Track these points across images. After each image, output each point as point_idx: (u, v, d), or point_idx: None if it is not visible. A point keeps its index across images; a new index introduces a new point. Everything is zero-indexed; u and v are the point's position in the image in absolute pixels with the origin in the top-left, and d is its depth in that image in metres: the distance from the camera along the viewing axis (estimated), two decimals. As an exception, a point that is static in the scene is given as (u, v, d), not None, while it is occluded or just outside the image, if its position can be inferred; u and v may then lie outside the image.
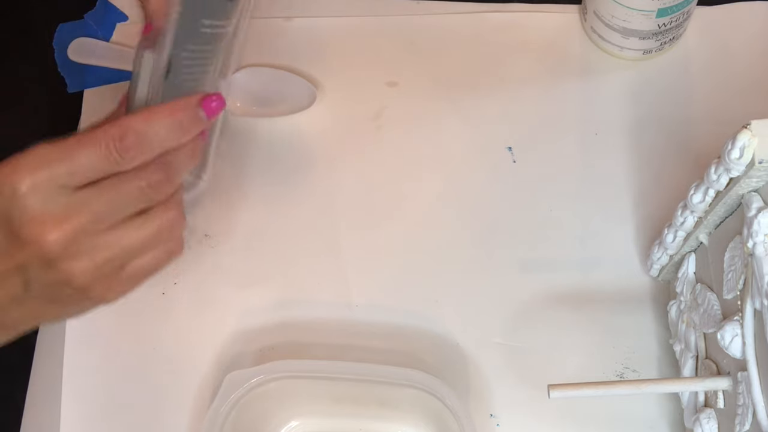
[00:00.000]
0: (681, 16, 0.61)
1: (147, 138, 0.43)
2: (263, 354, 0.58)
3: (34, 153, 0.41)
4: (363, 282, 0.60)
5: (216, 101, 0.46)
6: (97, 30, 0.67)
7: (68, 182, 0.41)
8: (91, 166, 0.41)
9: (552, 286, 0.59)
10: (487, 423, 0.56)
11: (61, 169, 0.41)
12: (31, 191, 0.40)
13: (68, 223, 0.41)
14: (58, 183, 0.41)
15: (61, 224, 0.41)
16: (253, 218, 0.62)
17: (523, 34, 0.66)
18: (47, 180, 0.41)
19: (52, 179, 0.41)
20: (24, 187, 0.40)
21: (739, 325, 0.43)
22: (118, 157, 0.42)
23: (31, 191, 0.40)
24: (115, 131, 0.42)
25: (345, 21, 0.67)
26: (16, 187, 0.40)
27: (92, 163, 0.41)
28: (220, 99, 0.46)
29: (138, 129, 0.42)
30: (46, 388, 0.58)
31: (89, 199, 0.42)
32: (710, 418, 0.48)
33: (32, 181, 0.40)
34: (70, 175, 0.41)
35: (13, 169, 0.40)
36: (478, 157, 0.63)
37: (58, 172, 0.41)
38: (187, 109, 0.45)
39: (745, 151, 0.40)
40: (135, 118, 0.43)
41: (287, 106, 0.64)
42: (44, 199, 0.41)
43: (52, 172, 0.41)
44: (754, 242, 0.41)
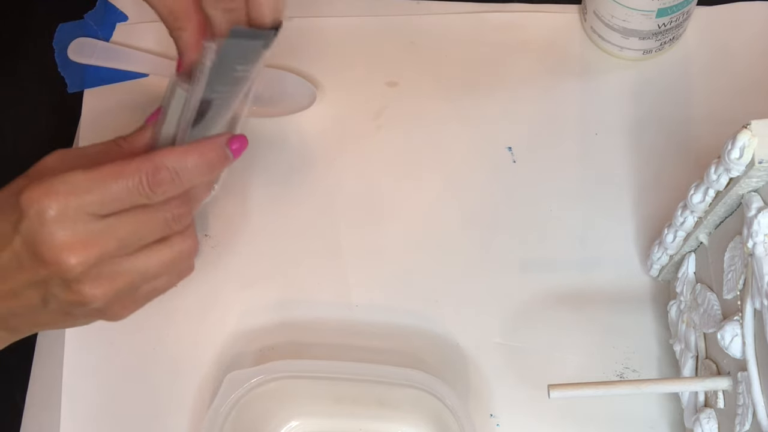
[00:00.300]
0: (681, 16, 0.61)
1: (179, 175, 0.44)
2: (263, 354, 0.58)
3: (68, 180, 0.41)
4: (363, 282, 0.60)
5: (239, 143, 0.48)
6: (97, 30, 0.67)
7: (97, 211, 0.42)
8: (122, 197, 0.42)
9: (552, 286, 0.59)
10: (487, 423, 0.56)
11: (93, 198, 0.41)
12: (60, 217, 0.41)
13: (92, 250, 0.42)
14: (87, 211, 0.41)
15: (85, 250, 0.42)
16: (253, 218, 0.62)
17: (523, 34, 0.66)
18: (77, 208, 0.41)
19: (82, 207, 0.41)
20: (53, 212, 0.41)
21: (739, 325, 0.43)
22: (150, 192, 0.43)
23: (60, 217, 0.41)
24: (149, 167, 0.43)
25: (345, 21, 0.67)
26: (46, 211, 0.41)
27: (124, 194, 0.42)
28: (243, 140, 0.48)
29: (171, 166, 0.44)
30: (46, 388, 0.58)
31: (114, 227, 0.43)
32: (710, 418, 0.48)
33: (62, 207, 0.41)
34: (100, 204, 0.42)
35: (44, 193, 0.41)
36: (478, 157, 0.63)
37: (89, 201, 0.41)
38: (216, 150, 0.46)
39: (745, 151, 0.40)
40: (169, 156, 0.44)
41: (287, 106, 0.64)
42: (72, 226, 0.41)
43: (83, 200, 0.41)
44: (754, 242, 0.41)
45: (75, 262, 0.41)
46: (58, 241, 0.41)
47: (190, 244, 0.47)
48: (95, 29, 0.67)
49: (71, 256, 0.41)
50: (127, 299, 0.46)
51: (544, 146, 0.63)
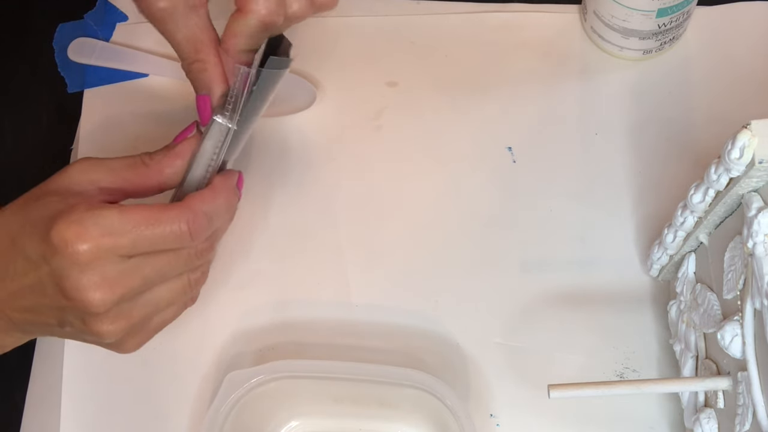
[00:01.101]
0: (681, 16, 0.61)
1: (212, 219, 0.45)
2: (263, 354, 0.58)
3: (102, 221, 0.41)
4: (363, 282, 0.60)
5: (240, 180, 0.50)
6: (97, 30, 0.67)
7: (128, 252, 0.42)
8: (156, 242, 0.42)
9: (552, 286, 0.59)
10: (487, 423, 0.56)
11: (126, 242, 0.41)
12: (91, 260, 0.41)
13: (117, 290, 0.42)
14: (118, 253, 0.41)
15: (111, 290, 0.42)
16: (252, 218, 0.62)
17: (523, 34, 0.66)
18: (109, 250, 0.41)
19: (114, 250, 0.41)
20: (85, 255, 0.41)
21: (739, 325, 0.43)
22: (190, 239, 0.43)
23: (92, 260, 0.41)
24: (189, 216, 0.43)
25: (345, 21, 0.67)
26: (78, 253, 0.41)
27: (158, 240, 0.42)
28: (241, 177, 0.50)
29: (206, 211, 0.44)
30: (46, 388, 0.58)
31: (141, 267, 0.43)
32: (710, 418, 0.48)
33: (95, 250, 0.41)
34: (132, 247, 0.42)
35: (78, 235, 0.40)
36: (478, 156, 0.63)
37: (122, 244, 0.41)
38: (232, 188, 0.47)
39: (745, 151, 0.40)
40: (204, 202, 0.45)
41: (287, 106, 0.64)
42: (101, 268, 0.41)
43: (116, 243, 0.41)
44: (754, 242, 0.41)
45: (98, 302, 0.42)
46: (85, 282, 0.41)
47: (200, 274, 0.48)
48: (95, 29, 0.67)
49: (96, 296, 0.41)
50: (140, 333, 0.46)
51: (544, 146, 0.63)
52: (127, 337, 0.45)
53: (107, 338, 0.44)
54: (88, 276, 0.41)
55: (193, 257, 0.45)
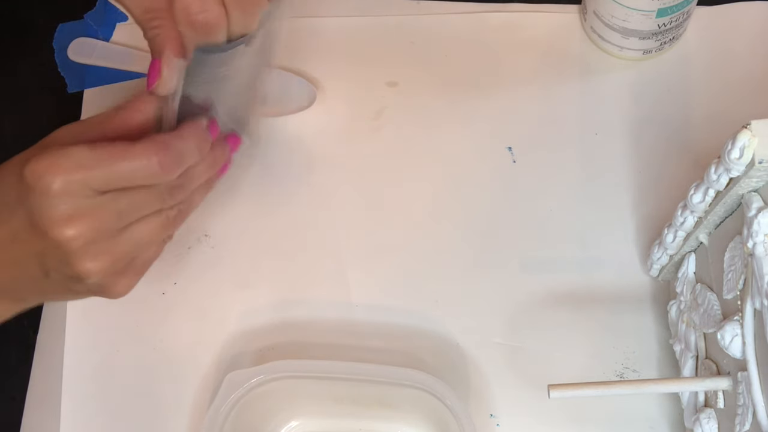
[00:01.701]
0: (681, 16, 0.61)
1: (182, 156, 0.45)
2: (263, 354, 0.58)
3: (72, 154, 0.41)
4: (363, 282, 0.60)
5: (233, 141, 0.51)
6: (97, 30, 0.67)
7: (100, 187, 0.42)
8: (127, 176, 0.42)
9: (552, 286, 0.59)
10: (487, 423, 0.56)
11: (97, 174, 0.41)
12: (62, 192, 0.41)
13: (90, 224, 0.42)
14: (90, 186, 0.41)
15: (84, 225, 0.42)
16: (253, 218, 0.62)
17: (523, 34, 0.66)
18: (80, 183, 0.41)
19: (86, 183, 0.41)
20: (56, 186, 0.41)
21: (739, 325, 0.43)
22: (161, 173, 0.43)
23: (63, 192, 0.41)
24: (159, 148, 0.43)
25: (345, 21, 0.67)
26: (49, 185, 0.41)
27: (128, 174, 0.42)
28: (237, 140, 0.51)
29: (176, 147, 0.44)
30: (46, 388, 0.58)
31: (114, 202, 0.43)
32: (710, 418, 0.48)
33: (66, 182, 0.41)
34: (105, 181, 0.42)
35: (48, 166, 0.41)
36: (478, 157, 0.63)
37: (93, 177, 0.41)
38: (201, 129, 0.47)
39: (745, 151, 0.40)
40: (171, 137, 0.44)
41: (287, 106, 0.64)
42: (73, 200, 0.41)
43: (86, 175, 0.41)
44: (754, 242, 0.41)
45: (73, 236, 0.42)
46: (58, 215, 0.41)
47: (178, 213, 0.47)
48: (95, 29, 0.67)
49: (70, 230, 0.41)
50: (124, 273, 0.46)
51: (544, 146, 0.63)
52: (113, 277, 0.45)
53: (91, 277, 0.44)
54: (60, 209, 0.41)
55: (167, 194, 0.45)
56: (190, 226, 0.61)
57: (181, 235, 0.61)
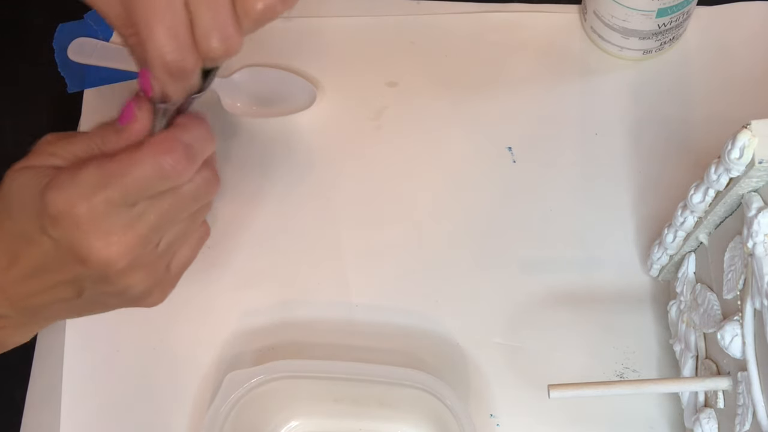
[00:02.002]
0: (681, 16, 0.61)
1: (192, 147, 0.42)
2: (263, 354, 0.58)
3: (84, 179, 0.40)
4: (363, 282, 0.60)
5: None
6: (97, 30, 0.67)
7: (123, 202, 0.41)
8: (146, 184, 0.41)
9: (552, 286, 0.59)
10: (487, 423, 0.56)
11: (115, 190, 0.40)
12: (90, 219, 0.40)
13: (128, 241, 0.41)
14: (113, 204, 0.40)
15: (122, 244, 0.41)
16: (253, 218, 0.62)
17: (523, 34, 0.66)
18: (103, 203, 0.40)
19: (108, 202, 0.40)
20: (83, 216, 0.40)
21: (739, 325, 0.43)
22: (174, 171, 0.41)
23: (91, 219, 0.40)
24: (165, 147, 0.41)
25: (345, 21, 0.67)
26: (76, 218, 0.40)
27: (147, 181, 0.41)
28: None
29: (183, 139, 0.42)
30: (46, 388, 0.58)
31: (144, 214, 0.41)
32: (710, 418, 0.48)
33: (89, 208, 0.40)
34: (124, 194, 0.40)
35: (67, 200, 0.40)
36: (478, 156, 0.63)
37: (112, 194, 0.40)
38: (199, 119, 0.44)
39: (745, 151, 0.40)
40: (176, 132, 0.42)
41: (287, 106, 0.64)
42: (103, 223, 0.40)
43: (106, 195, 0.40)
44: (754, 242, 0.41)
45: (116, 257, 0.41)
46: (96, 243, 0.40)
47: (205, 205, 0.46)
48: (95, 29, 0.67)
49: (112, 252, 0.41)
50: (164, 280, 0.45)
51: (544, 146, 0.63)
52: (152, 287, 0.44)
53: (133, 290, 0.43)
54: (96, 236, 0.40)
55: (196, 192, 0.43)
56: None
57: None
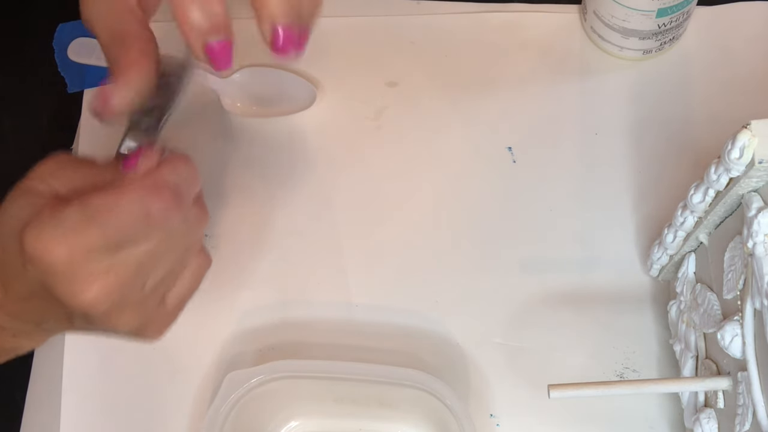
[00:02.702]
0: (681, 16, 0.61)
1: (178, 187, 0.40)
2: (263, 354, 0.58)
3: (66, 220, 0.38)
4: (363, 282, 0.60)
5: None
6: (97, 30, 0.67)
7: (106, 246, 0.39)
8: (132, 230, 0.39)
9: (552, 286, 0.59)
10: (487, 423, 0.56)
11: (97, 236, 0.38)
12: (69, 264, 0.38)
13: (110, 285, 0.39)
14: (94, 249, 0.38)
15: (104, 288, 0.39)
16: (253, 218, 0.62)
17: (523, 34, 0.66)
18: (84, 249, 0.38)
19: (89, 247, 0.38)
20: (61, 262, 0.38)
21: (739, 325, 0.43)
22: (163, 216, 0.39)
23: (70, 264, 0.38)
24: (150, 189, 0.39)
25: (345, 21, 0.67)
26: (54, 263, 0.38)
27: (132, 227, 0.39)
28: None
29: (171, 180, 0.40)
30: (46, 388, 0.58)
31: (129, 256, 0.40)
32: (710, 418, 0.48)
33: (68, 253, 0.38)
34: (106, 241, 0.39)
35: (46, 245, 0.38)
36: (478, 157, 0.63)
37: (94, 240, 0.38)
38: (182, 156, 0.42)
39: (745, 151, 0.40)
40: (164, 173, 0.40)
41: (287, 106, 0.64)
42: (84, 268, 0.39)
43: (88, 240, 0.38)
44: (754, 242, 0.41)
45: (95, 302, 0.39)
46: (75, 288, 0.39)
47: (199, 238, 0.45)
48: (95, 29, 0.67)
49: (90, 297, 0.39)
50: (158, 316, 0.44)
51: (544, 146, 0.63)
52: (144, 326, 0.43)
53: (121, 329, 0.42)
54: (74, 281, 0.39)
55: (183, 231, 0.42)
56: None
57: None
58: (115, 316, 0.41)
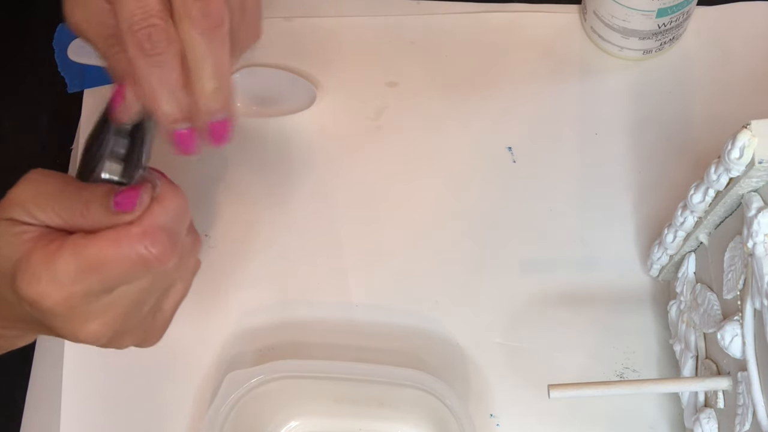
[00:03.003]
0: (681, 16, 0.61)
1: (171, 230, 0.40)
2: (263, 354, 0.58)
3: (59, 270, 0.38)
4: (363, 282, 0.60)
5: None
6: (97, 30, 0.67)
7: (101, 290, 0.39)
8: (127, 276, 0.39)
9: (552, 286, 0.59)
10: (487, 423, 0.56)
11: (92, 282, 0.38)
12: (66, 309, 0.38)
13: (107, 322, 0.40)
14: (90, 294, 0.39)
15: (103, 326, 0.40)
16: (253, 218, 0.62)
17: (523, 34, 0.66)
18: (79, 294, 0.38)
19: (85, 293, 0.38)
20: (59, 308, 0.38)
21: (739, 325, 0.43)
22: (159, 263, 0.39)
23: (67, 309, 0.38)
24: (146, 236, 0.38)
25: (345, 21, 0.67)
26: (51, 309, 0.38)
27: (127, 274, 0.39)
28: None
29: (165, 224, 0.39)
30: (46, 388, 0.58)
31: (125, 296, 0.40)
32: (710, 418, 0.48)
33: (65, 299, 0.38)
34: (101, 285, 0.39)
35: (42, 293, 0.38)
36: (478, 157, 0.63)
37: (89, 285, 0.38)
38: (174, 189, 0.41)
39: (745, 151, 0.40)
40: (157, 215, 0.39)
41: (287, 106, 0.64)
42: (81, 310, 0.39)
43: (83, 287, 0.38)
44: (754, 242, 0.41)
45: (95, 338, 0.40)
46: (75, 327, 0.39)
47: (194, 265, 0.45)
48: (95, 29, 0.67)
49: (90, 334, 0.40)
50: (152, 329, 0.44)
51: (544, 146, 0.63)
52: (144, 340, 0.44)
53: (123, 347, 0.43)
54: (74, 322, 0.39)
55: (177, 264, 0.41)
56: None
57: (181, 235, 0.61)
58: (116, 342, 0.42)
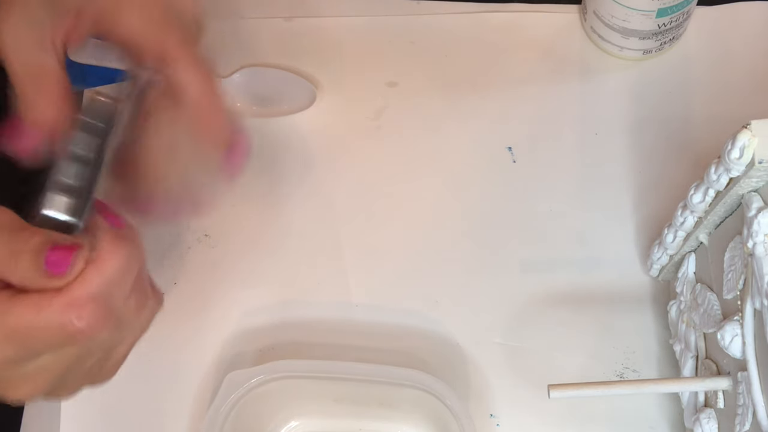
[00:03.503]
0: (681, 16, 0.61)
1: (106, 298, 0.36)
2: (263, 354, 0.58)
3: None
4: (363, 282, 0.60)
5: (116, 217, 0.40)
6: (97, 30, 0.67)
7: (23, 357, 0.36)
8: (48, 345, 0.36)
9: (552, 286, 0.59)
10: (487, 423, 0.56)
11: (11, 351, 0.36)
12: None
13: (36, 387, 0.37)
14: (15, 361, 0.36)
15: (28, 390, 0.37)
16: (253, 218, 0.62)
17: (523, 34, 0.66)
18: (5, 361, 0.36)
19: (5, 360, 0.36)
20: None
21: (739, 325, 0.43)
22: (81, 336, 0.36)
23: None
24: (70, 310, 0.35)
25: (345, 21, 0.67)
26: None
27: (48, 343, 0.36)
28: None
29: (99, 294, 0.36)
30: (46, 388, 0.58)
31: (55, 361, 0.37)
32: (710, 418, 0.48)
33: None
34: (27, 353, 0.36)
35: None
36: (478, 157, 0.63)
37: (10, 357, 0.36)
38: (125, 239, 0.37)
39: (745, 151, 0.40)
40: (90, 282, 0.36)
41: (287, 106, 0.64)
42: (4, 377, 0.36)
43: (3, 356, 0.35)
44: (754, 242, 0.41)
45: (27, 399, 0.38)
46: (3, 392, 0.37)
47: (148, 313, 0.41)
48: (95, 29, 0.67)
49: (21, 397, 0.37)
50: (104, 373, 0.41)
51: (544, 146, 0.63)
52: (92, 383, 0.41)
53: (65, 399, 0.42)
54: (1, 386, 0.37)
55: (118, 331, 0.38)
56: (190, 226, 0.61)
57: (181, 235, 0.61)
58: (56, 396, 0.39)
